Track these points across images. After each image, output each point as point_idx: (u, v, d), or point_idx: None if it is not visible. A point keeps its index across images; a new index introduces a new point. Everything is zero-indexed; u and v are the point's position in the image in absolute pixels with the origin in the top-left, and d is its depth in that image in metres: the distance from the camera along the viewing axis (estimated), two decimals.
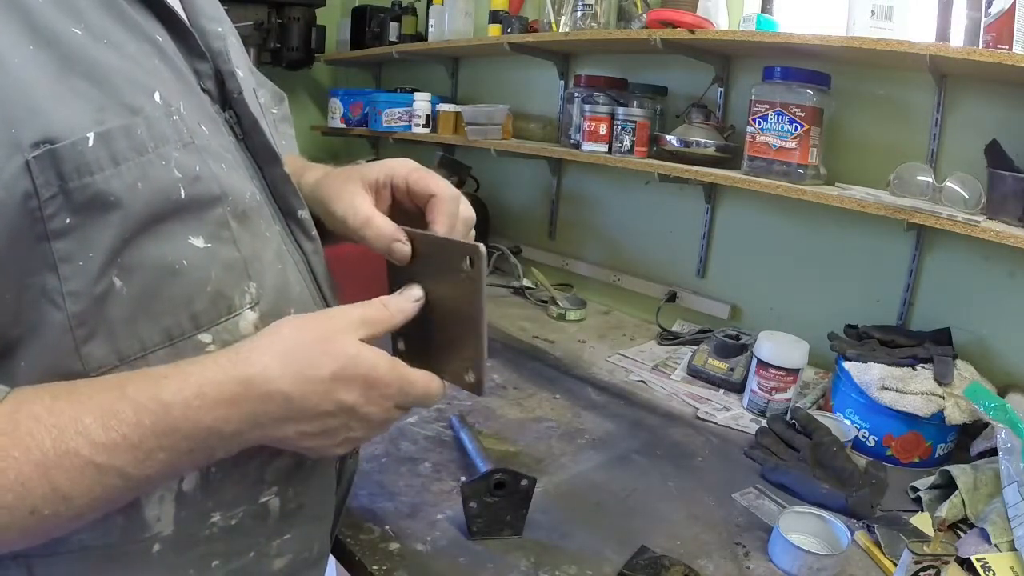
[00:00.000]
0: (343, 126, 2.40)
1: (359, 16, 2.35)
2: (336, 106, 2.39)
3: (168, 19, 0.51)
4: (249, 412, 0.45)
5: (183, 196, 0.46)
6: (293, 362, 0.46)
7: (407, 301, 0.55)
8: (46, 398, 0.42)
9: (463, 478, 0.93)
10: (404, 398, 0.52)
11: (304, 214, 0.59)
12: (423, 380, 0.53)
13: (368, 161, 2.06)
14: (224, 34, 0.56)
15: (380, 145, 2.57)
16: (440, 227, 0.57)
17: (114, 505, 0.45)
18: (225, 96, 0.55)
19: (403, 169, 0.60)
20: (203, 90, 0.53)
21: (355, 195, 0.59)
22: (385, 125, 2.17)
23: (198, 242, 0.48)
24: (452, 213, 0.58)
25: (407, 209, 0.62)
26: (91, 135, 0.42)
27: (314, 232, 0.60)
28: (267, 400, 0.46)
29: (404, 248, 0.56)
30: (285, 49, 2.33)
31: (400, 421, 0.58)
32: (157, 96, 0.47)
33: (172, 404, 0.43)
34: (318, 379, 0.47)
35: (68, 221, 0.42)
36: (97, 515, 0.45)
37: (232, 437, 0.46)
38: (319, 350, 0.47)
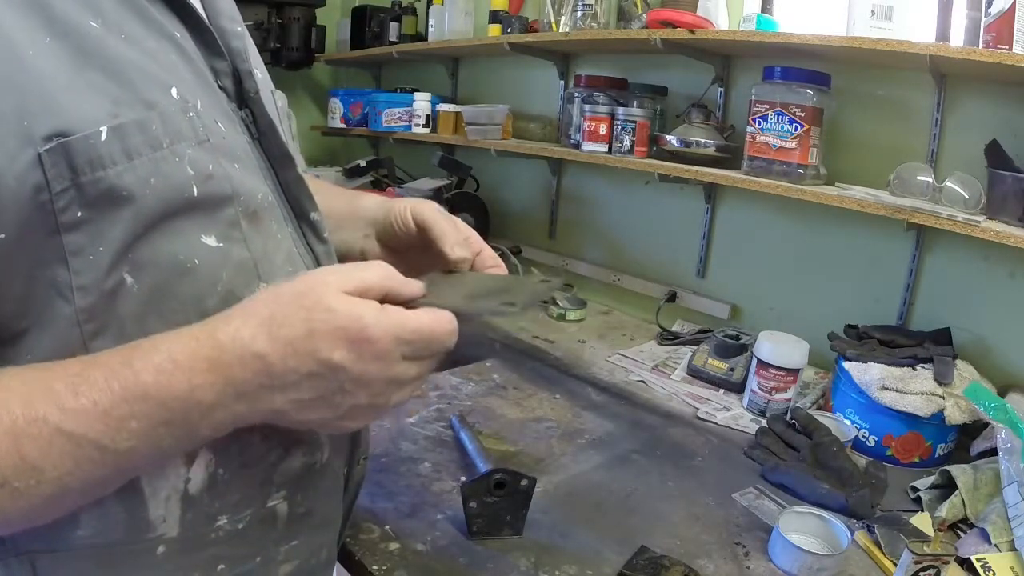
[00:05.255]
0: (343, 126, 2.40)
1: (359, 16, 2.35)
2: (336, 106, 2.39)
3: (187, 17, 0.51)
4: (226, 379, 0.42)
5: (195, 194, 0.46)
6: (266, 321, 0.43)
7: (411, 284, 0.49)
8: (26, 370, 0.41)
9: (463, 478, 0.93)
10: (408, 347, 0.45)
11: (316, 216, 0.58)
12: (426, 321, 0.46)
13: (368, 162, 2.04)
14: (243, 34, 0.56)
15: (380, 145, 2.57)
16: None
17: (100, 486, 0.44)
18: (242, 95, 0.54)
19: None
20: (220, 88, 0.53)
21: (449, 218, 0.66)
22: (385, 125, 2.17)
23: (210, 241, 0.48)
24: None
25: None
26: (104, 129, 0.42)
27: (326, 234, 0.60)
28: (243, 364, 0.42)
29: (467, 253, 0.62)
30: (285, 49, 2.33)
31: (427, 375, 0.50)
32: (174, 92, 0.46)
33: (143, 369, 0.41)
34: (294, 337, 0.43)
35: (79, 215, 0.42)
36: (82, 497, 0.43)
37: (213, 408, 0.43)
38: (294, 306, 0.43)
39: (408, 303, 0.47)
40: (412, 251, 0.67)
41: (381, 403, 0.47)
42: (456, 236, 0.63)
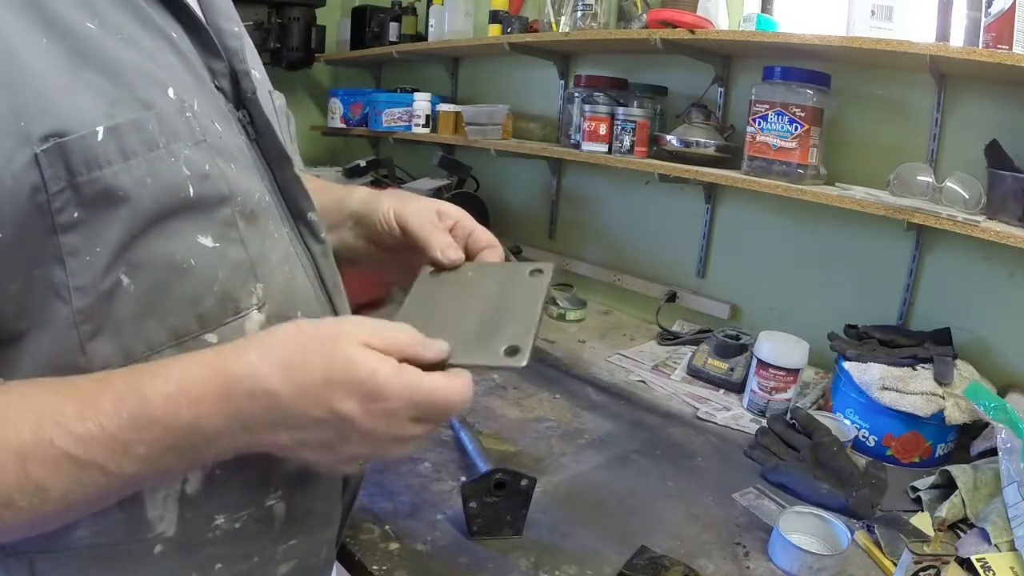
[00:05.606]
0: (343, 126, 2.40)
1: (359, 16, 2.35)
2: (336, 106, 2.39)
3: (184, 17, 0.51)
4: (234, 411, 0.42)
5: (191, 194, 0.46)
6: (283, 362, 0.43)
7: (433, 346, 0.48)
8: (34, 388, 0.41)
9: (463, 478, 0.93)
10: (419, 411, 0.45)
11: (313, 216, 0.58)
12: (442, 387, 0.45)
13: (368, 162, 2.03)
14: (240, 34, 0.56)
15: (380, 145, 2.57)
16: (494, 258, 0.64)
17: (102, 502, 0.44)
18: (239, 95, 0.54)
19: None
20: (217, 88, 0.53)
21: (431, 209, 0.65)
22: (385, 125, 2.17)
23: (207, 241, 0.48)
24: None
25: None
26: (100, 129, 0.42)
27: (323, 235, 0.59)
28: (252, 399, 0.42)
29: (459, 254, 0.61)
30: (285, 49, 2.33)
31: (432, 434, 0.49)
32: (171, 92, 0.46)
33: (152, 396, 0.41)
34: (308, 382, 0.42)
35: (76, 215, 0.42)
36: (84, 512, 0.44)
37: (218, 437, 0.43)
38: (313, 351, 0.43)
39: (428, 367, 0.47)
40: (402, 250, 0.67)
41: (380, 455, 0.47)
42: (442, 239, 0.62)
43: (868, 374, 1.10)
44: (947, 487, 0.95)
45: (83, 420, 0.40)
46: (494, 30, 1.83)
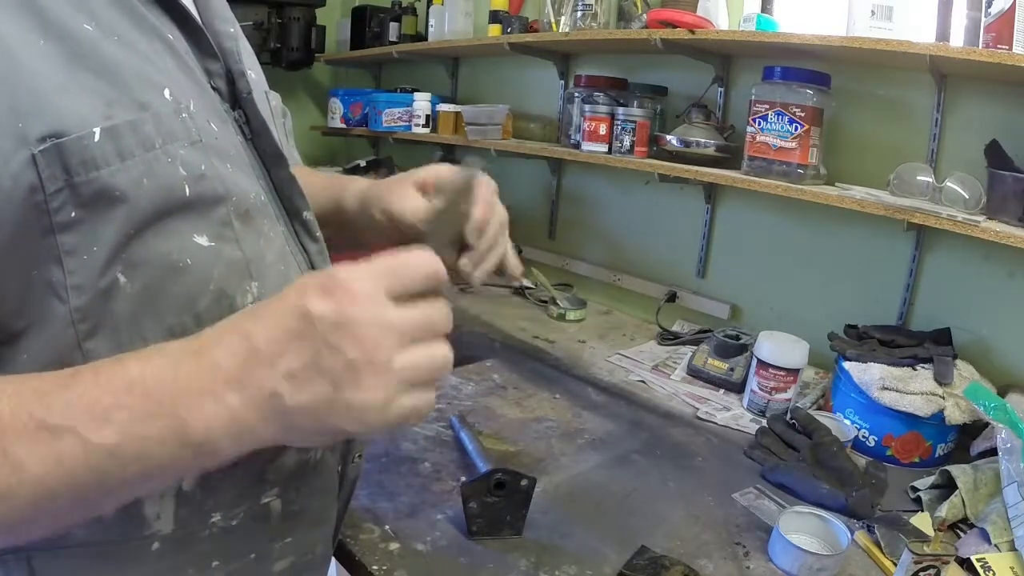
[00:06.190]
0: (343, 126, 2.40)
1: (359, 16, 2.35)
2: (336, 106, 2.40)
3: (181, 18, 0.51)
4: (212, 362, 0.40)
5: (188, 194, 0.46)
6: (249, 311, 0.43)
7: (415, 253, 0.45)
8: (16, 378, 0.41)
9: (463, 478, 0.93)
10: (388, 280, 0.42)
11: (309, 215, 0.59)
12: (398, 255, 0.43)
13: (368, 162, 2.04)
14: (236, 35, 0.56)
15: (380, 145, 2.57)
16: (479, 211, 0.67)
17: (80, 491, 0.41)
18: (235, 96, 0.55)
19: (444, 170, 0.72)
20: (213, 89, 0.53)
21: (408, 189, 0.70)
22: (385, 125, 2.17)
23: (202, 240, 0.48)
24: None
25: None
26: (97, 130, 0.42)
27: (318, 233, 0.60)
28: (227, 345, 0.41)
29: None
30: (285, 49, 2.33)
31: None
32: (167, 93, 0.47)
33: (129, 363, 0.40)
34: (272, 308, 0.42)
35: (73, 215, 0.42)
36: (66, 504, 0.41)
37: (202, 397, 0.40)
38: (275, 296, 0.43)
39: None
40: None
41: (381, 360, 0.40)
42: (413, 204, 0.69)
43: (868, 374, 1.10)
44: (947, 487, 0.95)
45: (64, 389, 0.39)
46: (494, 30, 1.83)
